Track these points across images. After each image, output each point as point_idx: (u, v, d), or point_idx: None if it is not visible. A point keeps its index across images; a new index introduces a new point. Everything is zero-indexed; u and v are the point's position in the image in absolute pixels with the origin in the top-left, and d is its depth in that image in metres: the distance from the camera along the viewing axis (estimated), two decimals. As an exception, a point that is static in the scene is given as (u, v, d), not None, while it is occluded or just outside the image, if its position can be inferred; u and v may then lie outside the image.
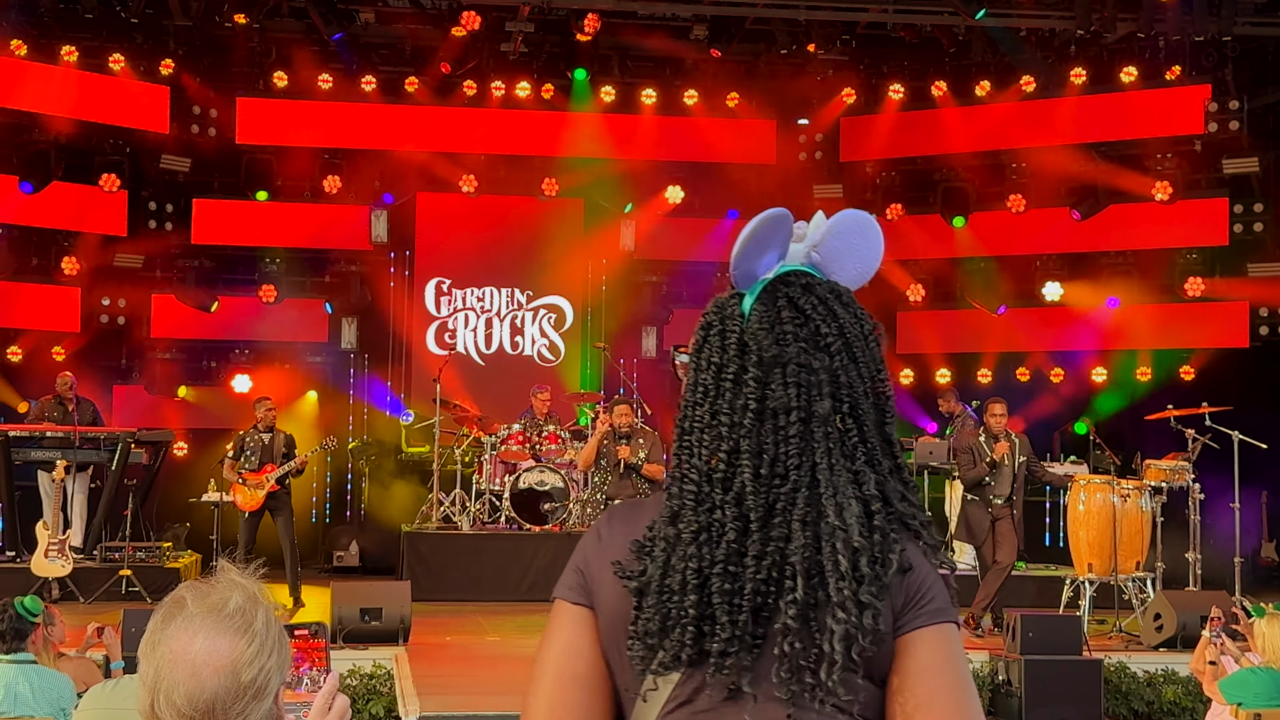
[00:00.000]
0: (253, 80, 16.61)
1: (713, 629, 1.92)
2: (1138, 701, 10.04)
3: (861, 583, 1.92)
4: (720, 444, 1.99)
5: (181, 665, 1.98)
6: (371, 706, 9.25)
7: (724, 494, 1.97)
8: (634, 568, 1.98)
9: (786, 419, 1.99)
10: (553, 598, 2.09)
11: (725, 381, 2.01)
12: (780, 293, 2.06)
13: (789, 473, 1.96)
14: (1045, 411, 16.47)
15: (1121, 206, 16.29)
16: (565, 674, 2.03)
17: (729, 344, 2.03)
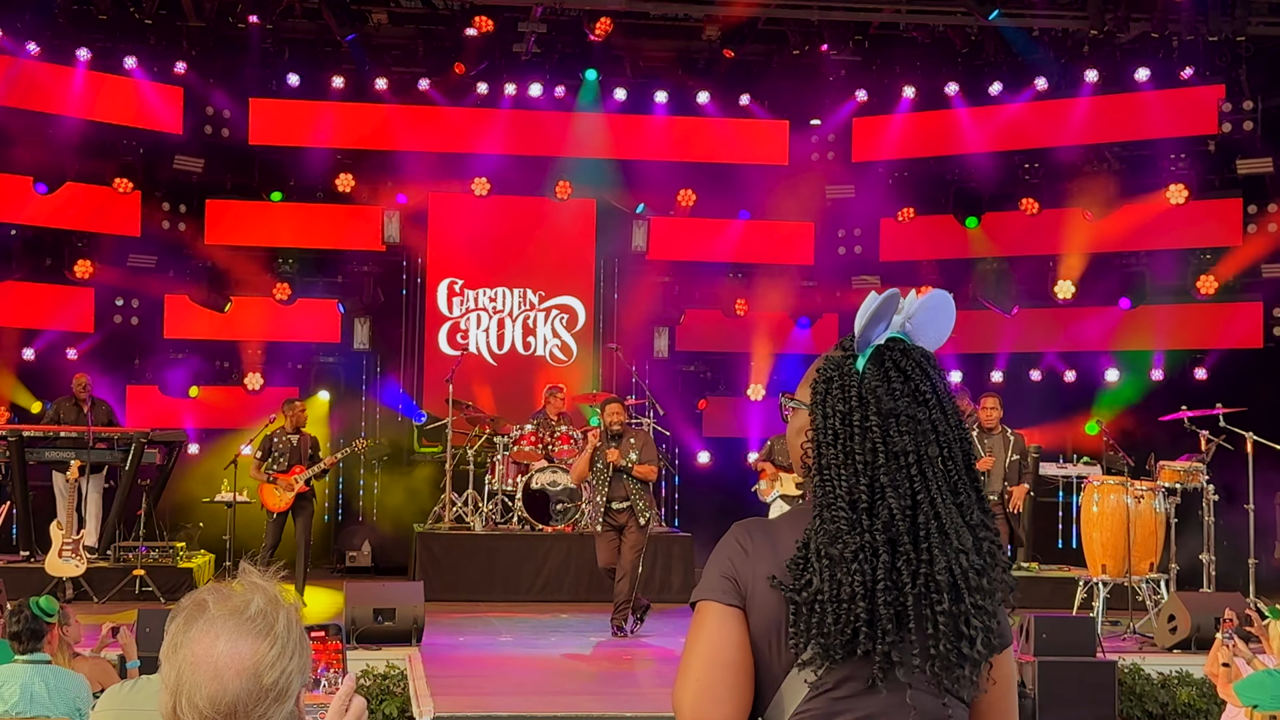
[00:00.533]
0: (266, 81, 16.63)
1: (874, 632, 2.34)
2: (1152, 703, 10.02)
3: (984, 595, 2.39)
4: (859, 479, 2.40)
5: (204, 668, 1.98)
6: (385, 707, 9.26)
7: (871, 520, 2.38)
8: (796, 581, 2.38)
9: (906, 460, 2.42)
10: (698, 599, 2.47)
11: (853, 428, 2.44)
12: (886, 356, 2.52)
13: (918, 505, 2.39)
14: (1057, 412, 16.45)
15: (1134, 207, 16.25)
16: (717, 660, 2.40)
17: (850, 395, 2.48)
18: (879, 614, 2.34)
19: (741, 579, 2.44)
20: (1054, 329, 16.79)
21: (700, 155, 17.38)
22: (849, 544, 2.36)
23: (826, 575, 2.36)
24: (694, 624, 2.45)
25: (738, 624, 2.42)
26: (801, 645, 2.36)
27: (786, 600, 2.38)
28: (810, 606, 2.35)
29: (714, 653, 2.40)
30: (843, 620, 2.33)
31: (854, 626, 2.33)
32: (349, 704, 2.07)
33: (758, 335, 17.58)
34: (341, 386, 17.20)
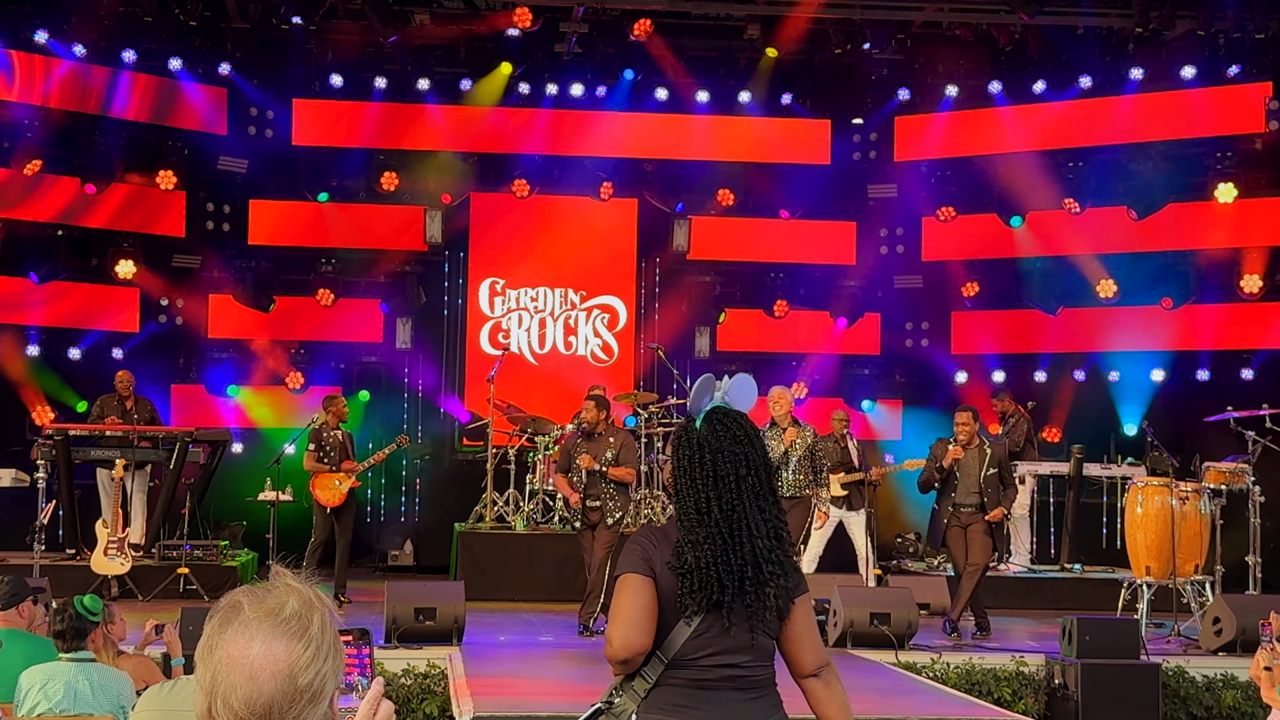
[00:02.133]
0: (309, 82, 16.73)
1: (722, 592, 3.66)
2: (1196, 706, 9.93)
3: (778, 569, 3.73)
4: (700, 494, 3.73)
5: (239, 669, 1.99)
6: (425, 706, 9.29)
7: (709, 519, 3.71)
8: (680, 562, 3.70)
9: (728, 481, 3.73)
10: (623, 573, 3.73)
11: (695, 464, 3.75)
12: (713, 417, 3.81)
13: (734, 510, 3.71)
14: (1101, 412, 16.34)
15: (1180, 205, 16.12)
16: (639, 607, 3.68)
17: (691, 444, 3.78)
18: (723, 580, 3.65)
19: (651, 561, 3.71)
20: (1098, 329, 16.67)
21: (742, 155, 17.37)
22: (699, 535, 3.68)
23: (690, 558, 3.66)
24: (621, 587, 3.70)
25: (650, 588, 3.68)
26: (687, 602, 3.66)
27: (676, 575, 3.67)
28: (689, 577, 3.65)
29: (637, 604, 3.66)
30: (703, 585, 3.65)
31: (711, 588, 3.64)
32: (378, 707, 2.08)
33: (799, 335, 17.54)
34: (383, 386, 17.27)
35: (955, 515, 11.43)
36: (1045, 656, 10.12)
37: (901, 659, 10.01)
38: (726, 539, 3.66)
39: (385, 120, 16.85)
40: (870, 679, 9.39)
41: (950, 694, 9.00)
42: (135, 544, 13.18)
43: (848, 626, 10.44)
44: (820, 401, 16.88)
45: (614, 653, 3.63)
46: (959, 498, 11.39)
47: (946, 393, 17.07)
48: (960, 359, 17.29)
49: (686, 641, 3.65)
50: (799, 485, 11.51)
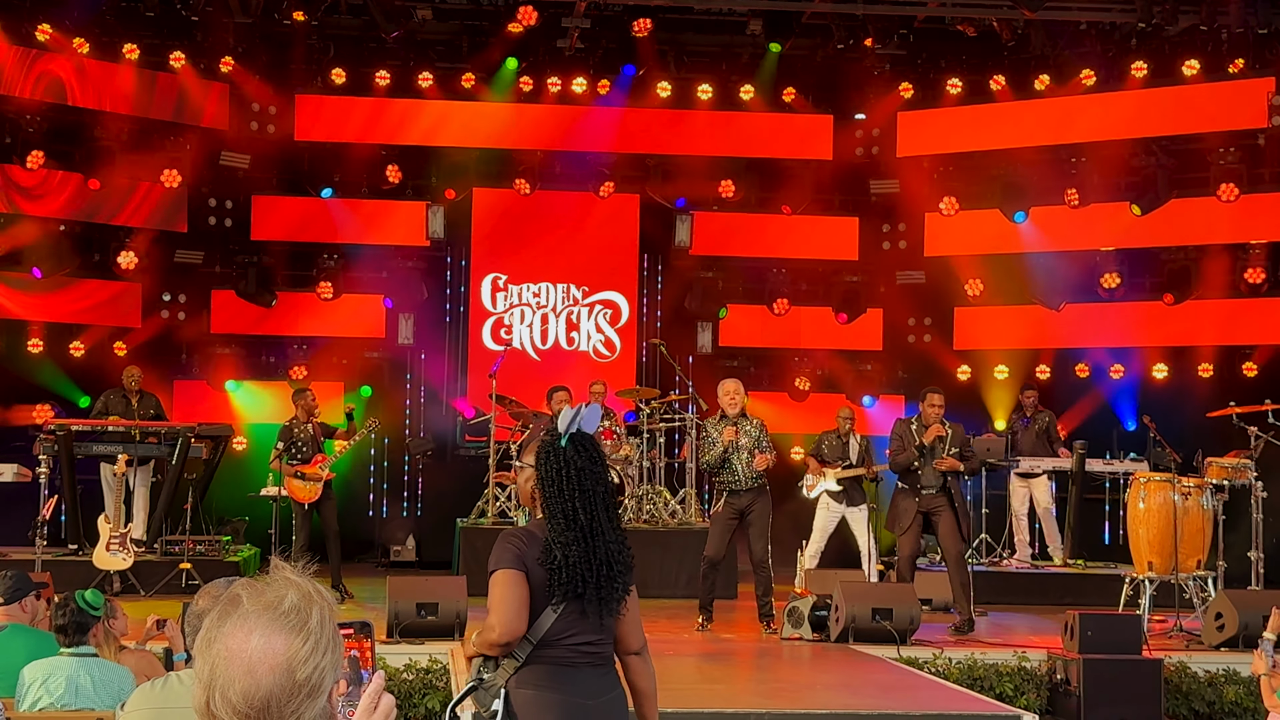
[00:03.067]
0: (311, 77, 16.73)
1: (585, 585, 4.33)
2: (1198, 702, 9.92)
3: (624, 566, 4.43)
4: (567, 503, 4.38)
5: (237, 663, 1.99)
6: (428, 701, 9.29)
7: (575, 525, 4.36)
8: (549, 559, 4.34)
9: (588, 493, 4.40)
10: (499, 569, 4.34)
11: (563, 477, 4.39)
12: (576, 439, 4.45)
13: (593, 517, 4.38)
14: (1104, 408, 16.33)
15: (1182, 201, 16.11)
16: (516, 599, 4.31)
17: (559, 460, 4.41)
18: (584, 575, 4.31)
19: (524, 558, 4.35)
20: (1101, 324, 16.66)
21: (744, 150, 17.36)
22: (566, 537, 4.34)
23: (560, 555, 4.31)
24: (499, 581, 4.31)
25: (524, 581, 4.31)
26: (556, 593, 4.30)
27: (546, 569, 4.32)
28: (557, 572, 4.30)
29: (515, 595, 4.28)
30: (570, 579, 4.31)
31: (575, 582, 4.31)
32: (378, 701, 2.08)
33: (801, 330, 17.54)
34: (386, 381, 17.28)
35: (919, 498, 11.39)
36: (1047, 652, 10.12)
37: (903, 654, 10.00)
38: (588, 541, 4.34)
39: (387, 115, 16.86)
40: (872, 674, 9.40)
41: (952, 689, 9.00)
42: (137, 539, 13.18)
43: (850, 622, 10.43)
44: (822, 397, 16.88)
45: (498, 638, 4.25)
46: (925, 479, 11.39)
47: (949, 388, 17.05)
48: (962, 354, 17.28)
49: (552, 625, 4.30)
50: (755, 475, 11.35)
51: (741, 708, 7.86)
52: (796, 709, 7.90)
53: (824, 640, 10.71)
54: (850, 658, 10.04)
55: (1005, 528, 14.60)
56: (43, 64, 15.45)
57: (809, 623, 10.85)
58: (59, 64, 15.50)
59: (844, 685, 9.00)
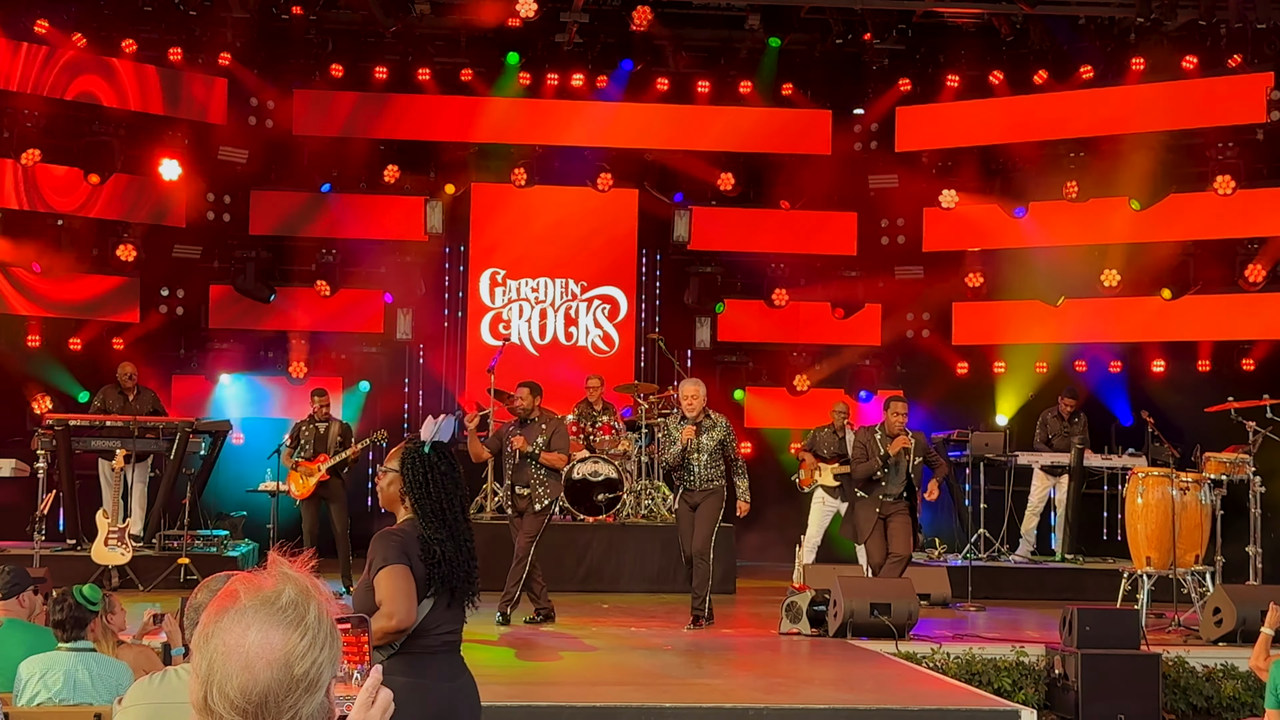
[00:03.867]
0: (309, 72, 16.72)
1: (455, 577, 4.70)
2: (1196, 696, 9.93)
3: (474, 556, 4.80)
4: (436, 504, 4.74)
5: (235, 658, 1.98)
6: (426, 695, 9.26)
7: (445, 524, 4.73)
8: (428, 554, 4.68)
9: (451, 495, 4.77)
10: (390, 564, 4.62)
11: (431, 481, 4.76)
12: (437, 447, 4.84)
13: (458, 517, 4.77)
14: (1103, 403, 16.33)
15: (1181, 196, 16.11)
16: (408, 591, 4.61)
17: (426, 465, 4.78)
18: (459, 569, 4.70)
19: (408, 553, 4.66)
20: (1099, 319, 16.66)
21: (742, 145, 17.34)
22: (441, 535, 4.70)
23: (439, 551, 4.67)
24: (393, 574, 4.60)
25: (410, 575, 4.62)
26: (434, 586, 4.66)
27: (425, 564, 4.66)
28: (437, 566, 4.66)
29: (408, 587, 4.60)
30: (449, 572, 4.68)
31: (453, 575, 4.69)
32: (375, 695, 2.07)
33: (799, 325, 17.54)
34: (384, 376, 17.27)
35: (880, 505, 11.39)
36: (1045, 647, 10.12)
37: (901, 649, 10.01)
38: (457, 538, 4.74)
39: (386, 110, 16.85)
40: (870, 669, 9.40)
41: (950, 684, 9.01)
42: (135, 534, 13.18)
43: (848, 617, 10.43)
44: (820, 392, 16.88)
45: (396, 625, 4.58)
46: (888, 487, 11.40)
47: (948, 384, 17.08)
48: (961, 350, 17.28)
49: (427, 617, 4.68)
50: (710, 478, 11.29)
51: (739, 703, 7.86)
52: (794, 704, 7.90)
53: (822, 635, 10.71)
54: (848, 653, 10.04)
55: (1004, 523, 14.59)
56: (41, 59, 15.43)
57: (807, 618, 10.86)
58: (57, 59, 15.47)
59: (842, 680, 9.00)
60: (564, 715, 7.62)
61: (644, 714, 7.61)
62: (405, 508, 4.83)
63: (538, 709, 7.64)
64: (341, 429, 13.10)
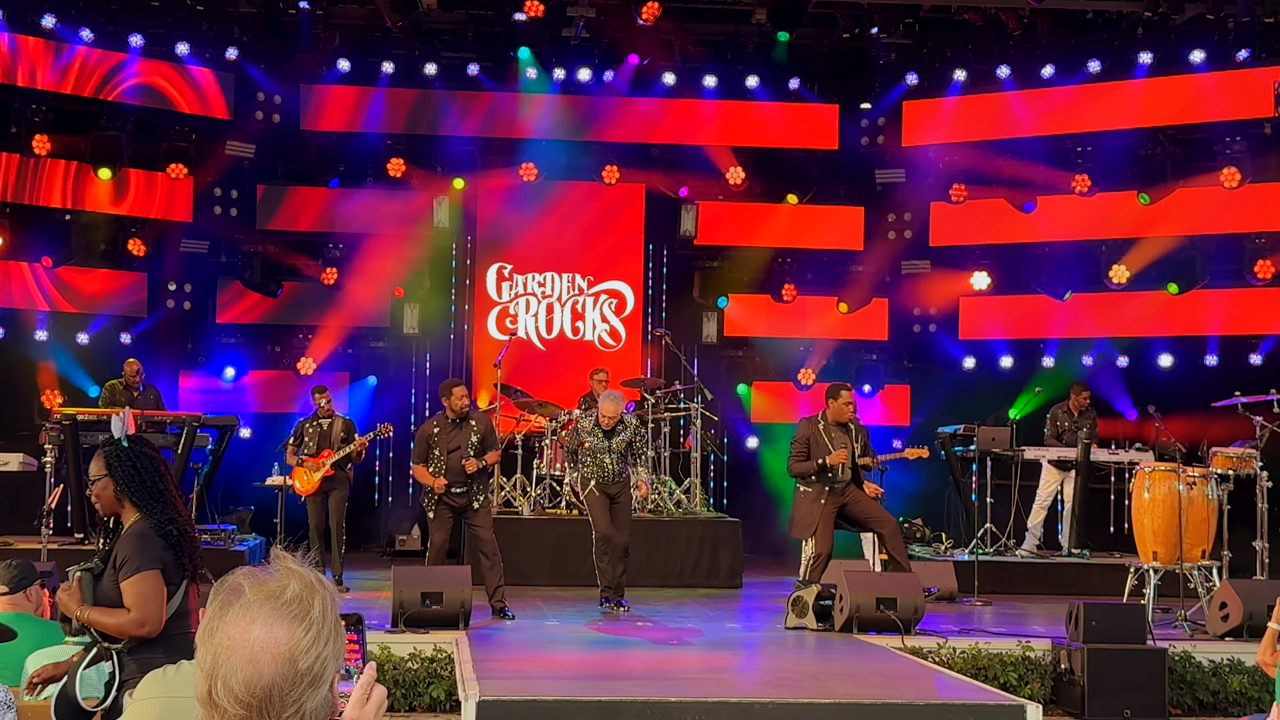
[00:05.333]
0: (316, 67, 16.72)
1: (196, 555, 5.07)
2: (1203, 691, 9.92)
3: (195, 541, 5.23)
4: (153, 488, 5.05)
5: (239, 652, 1.99)
6: (432, 690, 9.30)
7: (169, 504, 5.02)
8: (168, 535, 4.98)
9: (164, 476, 5.12)
10: (148, 569, 4.91)
11: (145, 471, 5.09)
12: (133, 440, 5.15)
13: (176, 496, 5.11)
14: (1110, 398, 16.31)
15: (1189, 190, 16.08)
16: (162, 595, 4.92)
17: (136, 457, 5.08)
18: (193, 552, 5.05)
19: (159, 555, 4.93)
20: (1107, 314, 16.64)
21: (749, 139, 17.34)
22: (168, 516, 5.00)
23: (175, 531, 4.99)
24: (143, 581, 4.87)
25: (161, 578, 4.90)
26: (185, 569, 5.01)
27: (171, 547, 4.96)
28: (178, 546, 4.98)
29: (160, 593, 4.89)
30: (191, 549, 5.02)
31: (193, 552, 5.04)
32: (370, 693, 2.08)
33: (806, 320, 17.53)
34: (391, 371, 17.29)
35: (830, 495, 11.45)
36: (1051, 641, 10.12)
37: (908, 643, 10.01)
38: (184, 522, 5.07)
39: (393, 105, 16.85)
40: (877, 664, 9.40)
41: (956, 678, 9.01)
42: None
43: (854, 611, 10.44)
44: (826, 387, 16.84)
45: (148, 632, 4.87)
46: (837, 475, 11.45)
47: (955, 378, 17.06)
48: (968, 345, 17.27)
49: (183, 600, 4.97)
50: (621, 472, 11.86)
51: (746, 697, 7.87)
52: (801, 698, 7.90)
53: (828, 630, 10.72)
54: (855, 647, 10.05)
55: (1011, 517, 14.59)
56: (49, 53, 15.46)
57: (813, 612, 10.86)
58: (65, 53, 15.50)
59: (848, 675, 9.00)
60: (569, 709, 7.62)
61: (649, 708, 7.62)
62: (127, 506, 5.06)
63: (542, 703, 7.65)
64: (345, 425, 13.13)
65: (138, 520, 5.04)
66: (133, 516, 5.04)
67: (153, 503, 5.02)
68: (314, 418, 13.16)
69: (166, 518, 5.00)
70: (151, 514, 5.01)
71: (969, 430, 14.62)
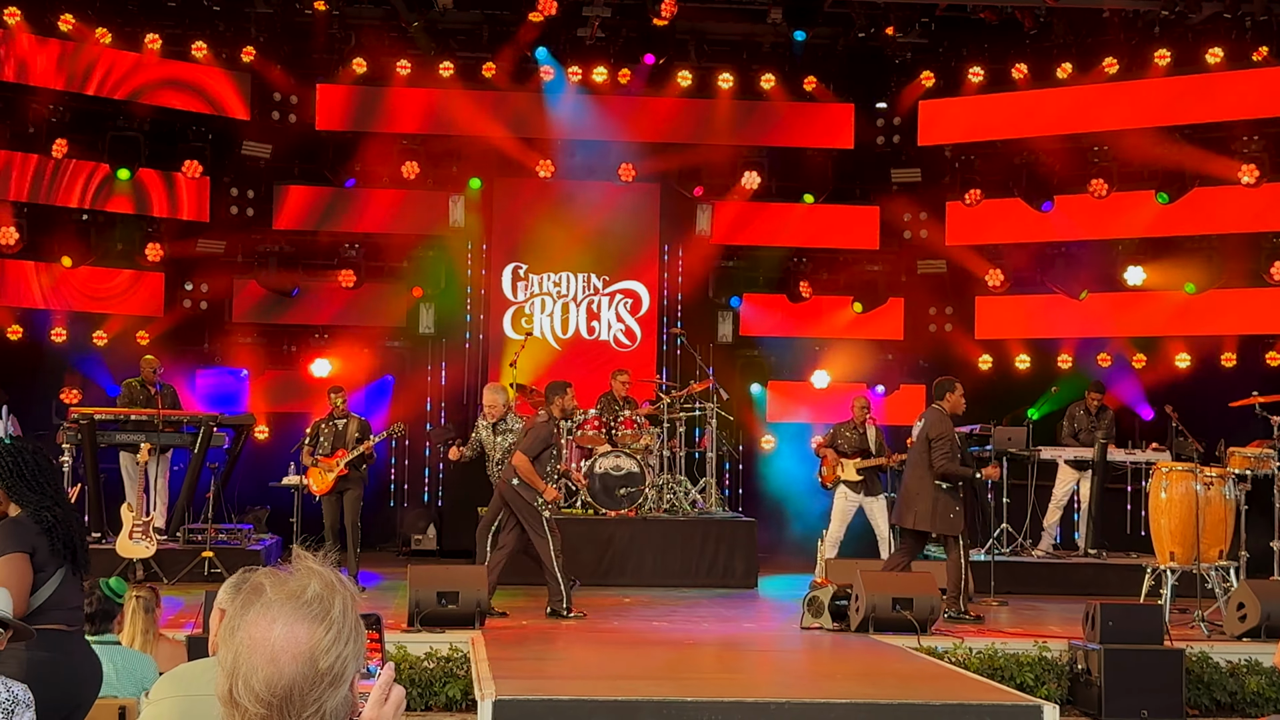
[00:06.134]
0: (332, 67, 16.75)
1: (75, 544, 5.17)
2: (1220, 692, 9.90)
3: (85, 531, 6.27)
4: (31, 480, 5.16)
5: (260, 651, 2.00)
6: (448, 689, 9.32)
7: (46, 494, 5.16)
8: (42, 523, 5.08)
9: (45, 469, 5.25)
10: (14, 551, 4.99)
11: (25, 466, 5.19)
12: (15, 439, 5.41)
13: (55, 489, 5.26)
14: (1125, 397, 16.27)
15: (1206, 189, 16.02)
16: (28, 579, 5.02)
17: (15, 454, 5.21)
18: (74, 535, 5.15)
19: (30, 540, 5.03)
20: (1123, 313, 16.59)
21: (765, 139, 17.33)
22: (48, 503, 5.12)
23: (50, 517, 5.09)
24: (8, 564, 4.95)
25: (28, 562, 4.99)
26: (60, 553, 5.06)
27: (46, 537, 5.05)
28: (55, 531, 5.06)
29: (21, 577, 4.94)
30: (66, 536, 5.09)
31: (70, 540, 5.11)
32: (389, 693, 2.08)
33: (821, 320, 17.51)
34: (407, 370, 17.30)
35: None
36: (1068, 642, 10.10)
37: (924, 644, 10.00)
38: (64, 507, 5.17)
39: (408, 105, 16.87)
40: (892, 664, 9.39)
41: (973, 679, 8.99)
42: (159, 528, 13.25)
43: (870, 611, 10.43)
44: (843, 387, 16.86)
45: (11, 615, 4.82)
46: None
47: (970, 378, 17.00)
48: (984, 344, 17.23)
49: (56, 590, 5.04)
50: (495, 475, 12.07)
51: (761, 697, 7.86)
52: (816, 698, 7.90)
53: (844, 630, 10.71)
54: (870, 647, 10.03)
55: (1027, 517, 14.56)
56: (65, 54, 15.50)
57: (829, 612, 10.86)
58: (82, 54, 15.55)
59: (864, 675, 8.99)
60: (586, 708, 7.63)
61: (666, 708, 7.62)
62: (10, 503, 5.21)
63: (559, 702, 7.65)
64: (360, 425, 13.15)
65: (18, 513, 5.18)
66: (15, 511, 5.18)
67: (30, 494, 5.14)
68: (329, 418, 13.20)
69: (43, 505, 5.12)
70: (27, 504, 5.14)
71: (985, 430, 14.59)
